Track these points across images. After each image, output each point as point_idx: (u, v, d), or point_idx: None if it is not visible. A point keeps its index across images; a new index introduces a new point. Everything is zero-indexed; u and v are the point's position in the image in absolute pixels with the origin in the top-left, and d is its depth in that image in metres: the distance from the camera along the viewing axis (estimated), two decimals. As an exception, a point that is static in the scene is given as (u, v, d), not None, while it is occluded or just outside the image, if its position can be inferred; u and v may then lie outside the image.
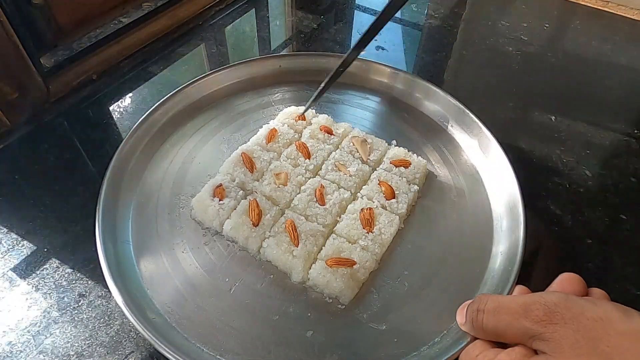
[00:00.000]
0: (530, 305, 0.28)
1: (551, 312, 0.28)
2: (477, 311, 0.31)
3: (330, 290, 0.37)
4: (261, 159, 0.46)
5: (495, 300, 0.31)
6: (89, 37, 0.58)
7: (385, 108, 0.55)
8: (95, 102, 0.56)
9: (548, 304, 0.28)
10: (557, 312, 0.27)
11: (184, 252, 0.41)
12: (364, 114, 0.55)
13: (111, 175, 0.44)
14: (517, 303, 0.29)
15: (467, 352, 0.32)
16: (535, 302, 0.28)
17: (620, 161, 0.52)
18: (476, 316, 0.31)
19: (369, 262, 0.39)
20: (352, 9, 0.77)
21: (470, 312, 0.32)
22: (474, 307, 0.32)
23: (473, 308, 0.32)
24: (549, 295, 0.29)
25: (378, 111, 0.55)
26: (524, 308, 0.29)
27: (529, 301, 0.29)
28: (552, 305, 0.28)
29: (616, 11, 0.76)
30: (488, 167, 0.48)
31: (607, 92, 0.61)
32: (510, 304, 0.30)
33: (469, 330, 0.33)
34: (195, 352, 0.34)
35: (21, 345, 0.36)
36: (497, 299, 0.31)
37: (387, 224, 0.41)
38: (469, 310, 0.32)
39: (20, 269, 0.41)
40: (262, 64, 0.57)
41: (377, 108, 0.55)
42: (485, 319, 0.31)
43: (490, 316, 0.30)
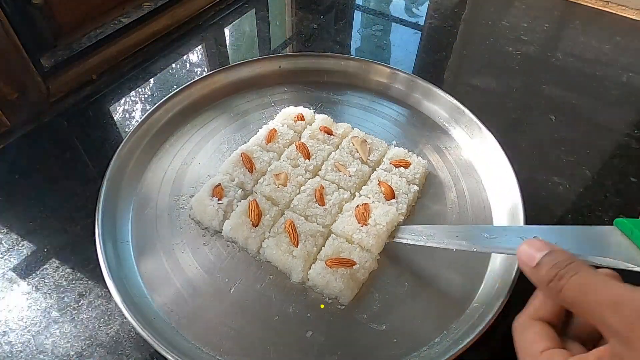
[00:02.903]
0: (624, 301, 0.25)
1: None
2: (560, 277, 0.27)
3: (330, 291, 0.37)
4: (261, 160, 0.46)
5: (584, 277, 0.27)
6: (89, 37, 0.58)
7: (385, 108, 0.55)
8: (95, 102, 0.56)
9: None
10: None
11: (183, 253, 0.41)
12: (364, 114, 0.55)
13: (111, 175, 0.44)
14: (608, 292, 0.26)
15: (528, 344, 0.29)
16: (630, 299, 0.25)
17: (620, 161, 0.52)
18: (557, 282, 0.27)
19: (369, 263, 0.39)
20: (352, 9, 0.77)
21: (550, 269, 0.28)
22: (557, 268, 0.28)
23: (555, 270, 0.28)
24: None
25: (378, 111, 0.55)
26: (616, 301, 0.25)
27: (625, 296, 0.25)
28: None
29: (616, 11, 0.76)
30: (488, 167, 0.48)
31: (607, 92, 0.61)
32: (602, 289, 0.26)
33: (537, 282, 0.29)
34: (194, 353, 0.34)
35: (21, 345, 0.36)
36: (587, 275, 0.27)
37: (382, 214, 0.41)
38: (546, 264, 0.28)
39: (20, 269, 0.41)
40: (262, 64, 0.57)
41: (377, 108, 0.55)
42: (566, 289, 0.27)
43: (572, 290, 0.27)
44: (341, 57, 0.58)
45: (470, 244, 0.35)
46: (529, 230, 0.33)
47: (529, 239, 0.30)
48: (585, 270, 0.28)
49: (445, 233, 0.37)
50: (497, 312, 0.35)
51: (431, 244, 0.37)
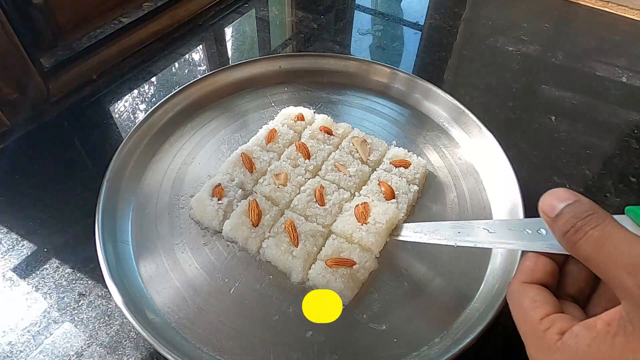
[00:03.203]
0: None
1: None
2: (578, 229, 0.25)
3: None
4: (261, 160, 0.46)
5: (603, 231, 0.25)
6: (89, 37, 0.58)
7: (385, 108, 0.55)
8: (95, 102, 0.56)
9: None
10: None
11: (183, 253, 0.41)
12: (364, 114, 0.55)
13: (111, 175, 0.44)
14: (628, 252, 0.23)
15: (527, 311, 0.27)
16: None
17: (620, 161, 0.52)
18: (575, 233, 0.25)
19: (369, 262, 0.39)
20: (352, 9, 0.77)
21: (568, 220, 0.26)
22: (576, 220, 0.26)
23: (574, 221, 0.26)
24: None
25: (378, 111, 0.55)
26: (635, 263, 0.23)
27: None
28: None
29: (616, 11, 0.76)
30: (488, 167, 0.48)
31: (607, 92, 0.61)
32: (620, 248, 0.24)
33: (555, 232, 0.27)
34: (194, 352, 0.34)
35: (21, 345, 0.36)
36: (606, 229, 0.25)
37: (381, 213, 0.41)
38: (566, 215, 0.26)
39: (20, 269, 0.41)
40: (262, 64, 0.57)
41: (377, 108, 0.55)
42: (582, 244, 0.25)
43: (589, 244, 0.25)
44: (341, 57, 0.58)
45: (473, 240, 0.34)
46: (531, 223, 0.32)
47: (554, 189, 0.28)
48: (607, 223, 0.25)
49: (447, 229, 0.36)
50: (497, 312, 0.35)
51: (433, 240, 0.36)
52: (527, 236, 0.31)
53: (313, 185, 0.44)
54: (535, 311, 0.26)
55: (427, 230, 0.37)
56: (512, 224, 0.33)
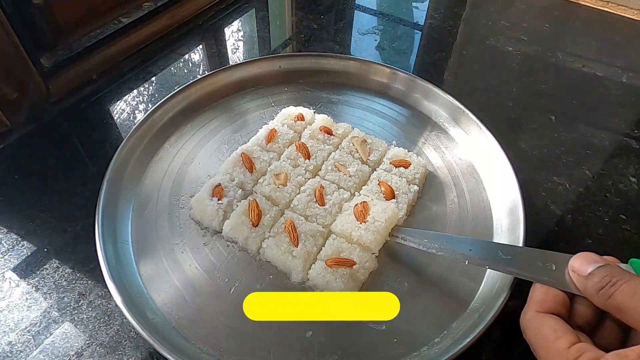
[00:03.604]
0: None
1: None
2: (612, 284, 0.28)
3: (330, 291, 0.37)
4: (261, 159, 0.46)
5: (635, 283, 0.28)
6: (89, 37, 0.58)
7: (385, 108, 0.55)
8: (95, 102, 0.56)
9: None
10: None
11: (183, 253, 0.41)
12: (364, 114, 0.55)
13: (111, 175, 0.44)
14: None
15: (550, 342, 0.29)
16: None
17: (620, 161, 0.52)
18: (608, 288, 0.28)
19: (369, 263, 0.39)
20: (352, 9, 0.77)
21: (601, 277, 0.29)
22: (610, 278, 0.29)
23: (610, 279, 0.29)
24: None
25: (378, 111, 0.55)
26: None
27: None
28: None
29: (616, 11, 0.76)
30: (488, 167, 0.48)
31: (607, 92, 0.61)
32: None
33: (586, 289, 0.30)
34: (194, 353, 0.34)
35: (21, 345, 0.36)
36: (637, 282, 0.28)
37: (380, 211, 0.41)
38: (599, 273, 0.29)
39: (20, 269, 0.41)
40: (262, 64, 0.57)
41: (377, 108, 0.55)
42: (617, 295, 0.28)
43: (622, 295, 0.28)
44: (341, 57, 0.58)
45: (484, 261, 0.35)
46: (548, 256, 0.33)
47: (583, 253, 0.31)
48: (637, 279, 0.28)
49: (456, 244, 0.37)
50: (497, 312, 0.35)
51: (440, 252, 0.37)
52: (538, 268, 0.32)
53: (313, 185, 0.44)
54: (559, 340, 0.28)
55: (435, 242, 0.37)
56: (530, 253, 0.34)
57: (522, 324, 0.31)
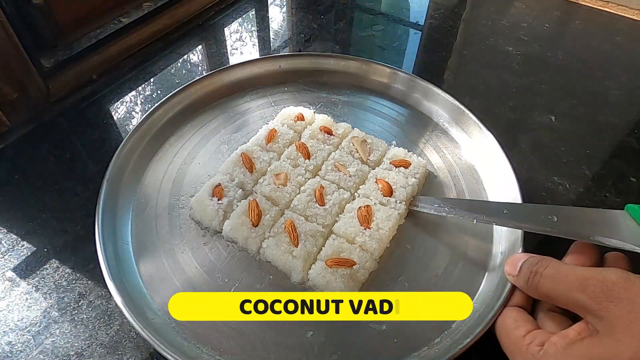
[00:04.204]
0: (588, 279, 0.29)
1: (608, 290, 0.28)
2: (535, 273, 0.32)
3: (330, 291, 0.37)
4: (261, 159, 0.46)
5: (554, 267, 0.31)
6: (89, 37, 0.58)
7: (385, 108, 0.55)
8: (95, 102, 0.56)
9: (606, 281, 0.28)
10: (614, 290, 0.28)
11: (183, 253, 0.41)
12: (364, 114, 0.55)
13: (111, 175, 0.44)
14: (575, 275, 0.30)
15: (510, 330, 0.32)
16: (593, 277, 0.29)
17: (620, 161, 0.52)
18: (533, 277, 0.32)
19: (369, 263, 0.39)
20: (352, 9, 0.77)
21: (527, 270, 0.33)
22: (531, 267, 0.32)
23: (530, 269, 0.32)
24: (608, 272, 0.29)
25: (378, 111, 0.55)
26: (582, 282, 0.29)
27: (587, 275, 0.29)
28: (610, 283, 0.28)
29: (616, 11, 0.76)
30: (488, 167, 0.48)
31: (607, 92, 0.61)
32: (569, 274, 0.30)
33: (520, 285, 0.34)
34: (194, 353, 0.34)
35: (21, 345, 0.36)
36: (556, 266, 0.31)
37: (384, 219, 0.41)
38: (524, 268, 0.33)
39: (20, 269, 0.41)
40: (262, 64, 0.57)
41: (377, 108, 0.55)
42: (542, 282, 0.31)
43: (547, 281, 0.31)
44: (341, 57, 0.58)
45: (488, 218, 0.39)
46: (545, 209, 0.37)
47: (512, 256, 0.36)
48: (554, 262, 0.32)
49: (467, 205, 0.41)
50: (497, 312, 0.35)
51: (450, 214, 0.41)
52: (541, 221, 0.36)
53: (313, 185, 0.44)
54: (518, 330, 0.32)
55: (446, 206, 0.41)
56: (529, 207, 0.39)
57: None
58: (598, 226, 0.34)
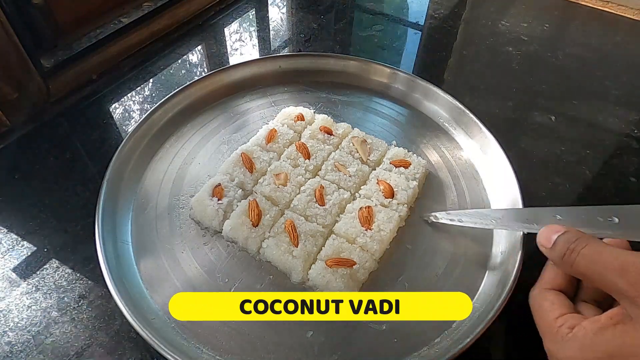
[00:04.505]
0: (629, 264, 0.28)
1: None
2: (572, 250, 0.30)
3: (330, 291, 0.37)
4: (261, 159, 0.46)
5: (592, 247, 0.30)
6: (89, 37, 0.58)
7: (385, 108, 0.55)
8: (95, 102, 0.56)
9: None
10: None
11: (183, 253, 0.41)
12: (364, 114, 0.55)
13: (111, 175, 0.44)
14: (615, 258, 0.28)
15: (545, 312, 0.31)
16: (634, 262, 0.28)
17: (620, 161, 0.52)
18: (570, 254, 0.30)
19: (369, 263, 0.39)
20: (352, 9, 0.77)
21: (563, 246, 0.31)
22: (568, 244, 0.31)
23: (567, 245, 0.31)
24: None
25: (378, 111, 0.55)
26: (622, 266, 0.28)
27: (629, 260, 0.28)
28: None
29: (616, 11, 0.76)
30: (488, 167, 0.48)
31: (607, 92, 0.61)
32: (608, 257, 0.29)
33: (553, 259, 0.32)
34: (194, 353, 0.34)
35: (21, 345, 0.36)
36: (595, 246, 0.30)
37: (386, 220, 0.41)
38: (560, 242, 0.31)
39: (20, 269, 0.41)
40: (262, 64, 0.57)
41: (377, 108, 0.55)
42: (578, 261, 0.30)
43: (584, 261, 0.30)
44: (341, 57, 0.58)
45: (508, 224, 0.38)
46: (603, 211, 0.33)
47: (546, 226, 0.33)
48: (593, 242, 0.30)
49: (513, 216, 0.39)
50: (497, 312, 0.35)
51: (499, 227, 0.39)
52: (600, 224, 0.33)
53: (313, 185, 0.44)
54: (552, 312, 0.31)
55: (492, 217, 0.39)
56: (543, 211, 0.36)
57: (529, 300, 0.34)
58: None
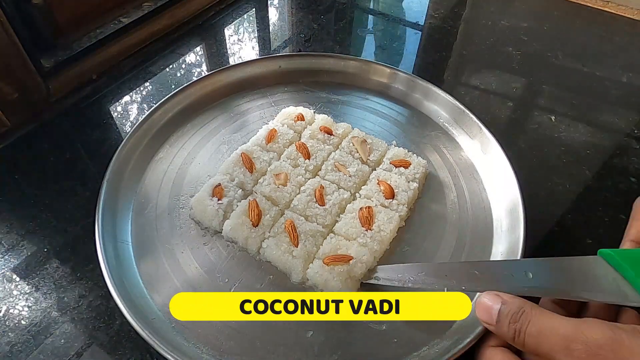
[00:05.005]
0: (573, 342, 0.27)
1: (594, 355, 0.26)
2: (518, 331, 0.30)
3: (329, 290, 0.37)
4: (261, 159, 0.46)
5: (536, 324, 0.29)
6: (89, 37, 0.58)
7: (385, 108, 0.55)
8: (95, 102, 0.56)
9: (591, 344, 0.26)
10: (600, 354, 0.26)
11: (183, 253, 0.41)
12: (364, 114, 0.55)
13: (111, 175, 0.44)
14: (558, 335, 0.28)
15: None
16: (577, 339, 0.27)
17: (620, 161, 0.52)
18: (517, 335, 0.30)
19: (366, 257, 0.39)
20: (352, 9, 0.77)
21: (508, 327, 0.30)
22: (513, 324, 0.30)
23: (513, 326, 0.30)
24: (593, 329, 0.27)
25: (378, 111, 0.55)
26: (566, 344, 0.27)
27: (572, 336, 0.27)
28: (596, 346, 0.26)
29: (616, 11, 0.76)
30: (488, 167, 0.48)
31: (607, 92, 0.61)
32: (552, 336, 0.28)
33: (504, 338, 0.31)
34: (194, 353, 0.34)
35: (21, 345, 0.36)
36: (537, 322, 0.29)
37: (386, 220, 0.41)
38: (503, 321, 0.30)
39: (20, 269, 0.41)
40: (262, 64, 0.57)
41: (376, 108, 0.55)
42: (527, 340, 0.29)
43: (531, 339, 0.29)
44: (341, 57, 0.58)
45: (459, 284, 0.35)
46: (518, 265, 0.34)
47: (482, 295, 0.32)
48: (535, 317, 0.29)
49: (433, 271, 0.36)
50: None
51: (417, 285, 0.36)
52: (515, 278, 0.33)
53: (313, 185, 0.44)
54: None
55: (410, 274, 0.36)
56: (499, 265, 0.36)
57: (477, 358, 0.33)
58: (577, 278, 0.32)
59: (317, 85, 0.58)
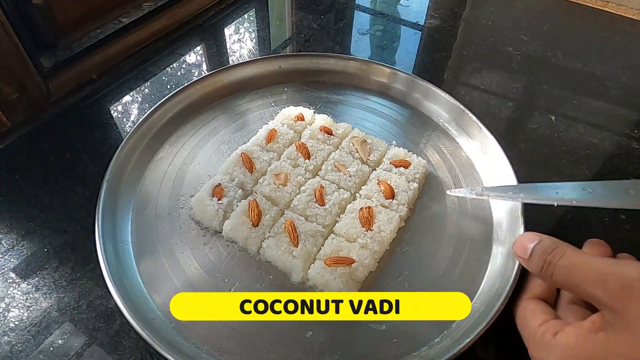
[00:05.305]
0: (607, 275, 0.28)
1: (628, 287, 0.27)
2: (549, 263, 0.31)
3: (329, 290, 0.37)
4: (261, 160, 0.46)
5: (569, 258, 0.30)
6: (89, 37, 0.58)
7: (385, 108, 0.55)
8: (95, 102, 0.56)
9: (626, 277, 0.27)
10: (634, 287, 0.26)
11: (183, 253, 0.41)
12: (364, 114, 0.55)
13: (111, 175, 0.44)
14: (592, 269, 0.29)
15: (527, 321, 0.32)
16: (612, 272, 0.28)
17: (620, 161, 0.52)
18: (547, 267, 0.31)
19: (368, 260, 0.39)
20: (352, 9, 0.77)
21: (540, 259, 0.32)
22: (545, 256, 0.31)
23: (544, 257, 0.31)
24: (627, 266, 0.28)
25: (378, 111, 0.55)
26: (600, 276, 0.28)
27: (606, 269, 0.28)
28: (630, 279, 0.27)
29: (616, 11, 0.76)
30: (488, 167, 0.48)
31: (607, 92, 0.61)
32: (586, 268, 0.29)
33: (532, 271, 0.33)
34: (194, 353, 0.34)
35: (21, 345, 0.36)
36: (571, 256, 0.30)
37: (386, 221, 0.41)
38: (536, 254, 0.32)
39: (20, 269, 0.41)
40: (262, 64, 0.57)
41: (377, 108, 0.55)
42: (556, 273, 0.30)
43: (561, 272, 0.30)
44: (341, 57, 0.58)
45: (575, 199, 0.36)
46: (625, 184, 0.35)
47: (520, 236, 0.35)
48: (569, 252, 0.31)
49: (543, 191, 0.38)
50: (497, 312, 0.35)
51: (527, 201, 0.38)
52: None
53: (313, 185, 0.44)
54: (535, 320, 0.32)
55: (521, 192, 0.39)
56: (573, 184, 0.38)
57: (514, 313, 0.34)
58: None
59: (317, 85, 0.58)
